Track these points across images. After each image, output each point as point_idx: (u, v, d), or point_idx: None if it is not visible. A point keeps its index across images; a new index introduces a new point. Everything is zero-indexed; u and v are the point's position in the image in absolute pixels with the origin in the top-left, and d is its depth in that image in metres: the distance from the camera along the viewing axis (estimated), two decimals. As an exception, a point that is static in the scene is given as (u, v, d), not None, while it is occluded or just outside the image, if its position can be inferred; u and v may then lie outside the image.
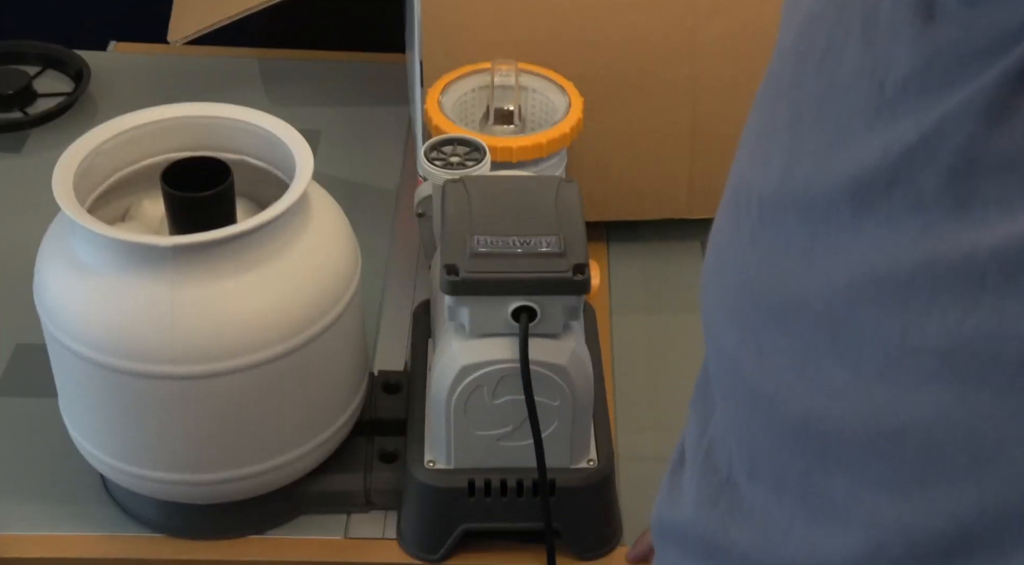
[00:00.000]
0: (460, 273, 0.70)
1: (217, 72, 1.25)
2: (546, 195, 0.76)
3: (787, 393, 0.43)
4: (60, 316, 0.71)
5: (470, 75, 0.93)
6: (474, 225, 0.73)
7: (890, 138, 0.39)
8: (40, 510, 0.82)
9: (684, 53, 0.96)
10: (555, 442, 0.76)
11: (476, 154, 0.83)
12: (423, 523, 0.79)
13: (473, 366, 0.72)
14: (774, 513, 0.47)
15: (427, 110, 0.90)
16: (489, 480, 0.77)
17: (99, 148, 0.75)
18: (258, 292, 0.71)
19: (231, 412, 0.73)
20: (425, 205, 0.85)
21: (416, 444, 0.79)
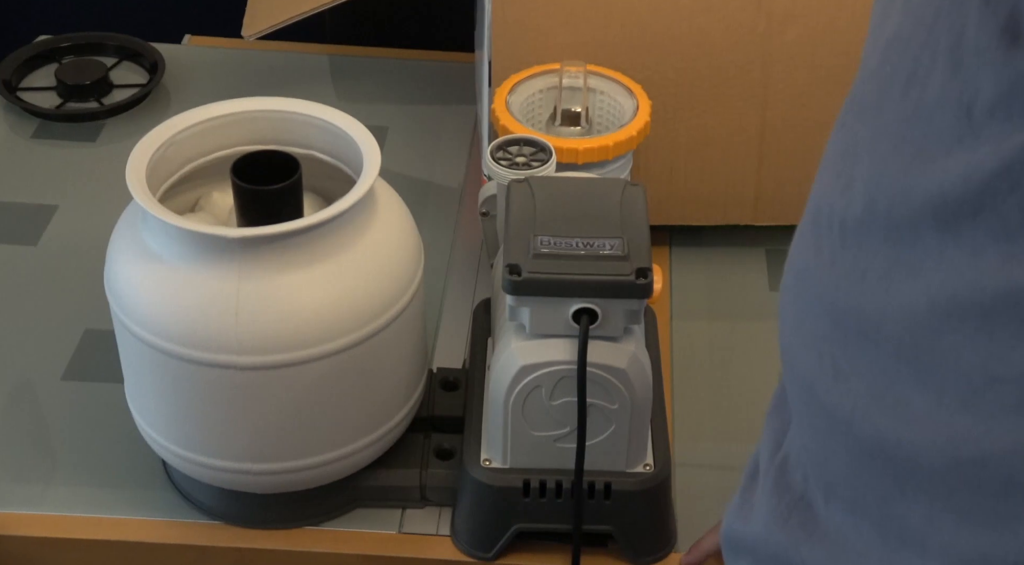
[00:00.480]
0: (522, 273, 0.70)
1: (288, 67, 1.26)
2: (611, 197, 0.75)
3: (864, 416, 0.43)
4: (128, 303, 0.73)
5: (538, 76, 0.93)
6: (538, 225, 0.73)
7: (972, 164, 0.38)
8: (102, 493, 0.83)
9: (755, 59, 0.95)
10: (611, 445, 0.75)
11: (542, 155, 0.83)
12: (477, 521, 0.79)
13: (532, 366, 0.72)
14: (849, 536, 0.46)
15: (494, 109, 0.90)
16: (544, 481, 0.76)
17: (172, 139, 0.76)
18: (322, 286, 0.71)
19: (292, 404, 0.74)
20: (489, 204, 0.85)
21: (473, 442, 0.79)
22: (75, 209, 1.07)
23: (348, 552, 0.81)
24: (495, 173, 0.82)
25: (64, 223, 1.06)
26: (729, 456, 0.88)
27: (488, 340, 0.85)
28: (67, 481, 0.84)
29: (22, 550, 0.81)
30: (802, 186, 1.08)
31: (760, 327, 0.98)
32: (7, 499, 0.83)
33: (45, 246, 1.04)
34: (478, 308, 0.90)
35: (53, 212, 1.07)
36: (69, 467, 0.85)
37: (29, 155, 1.14)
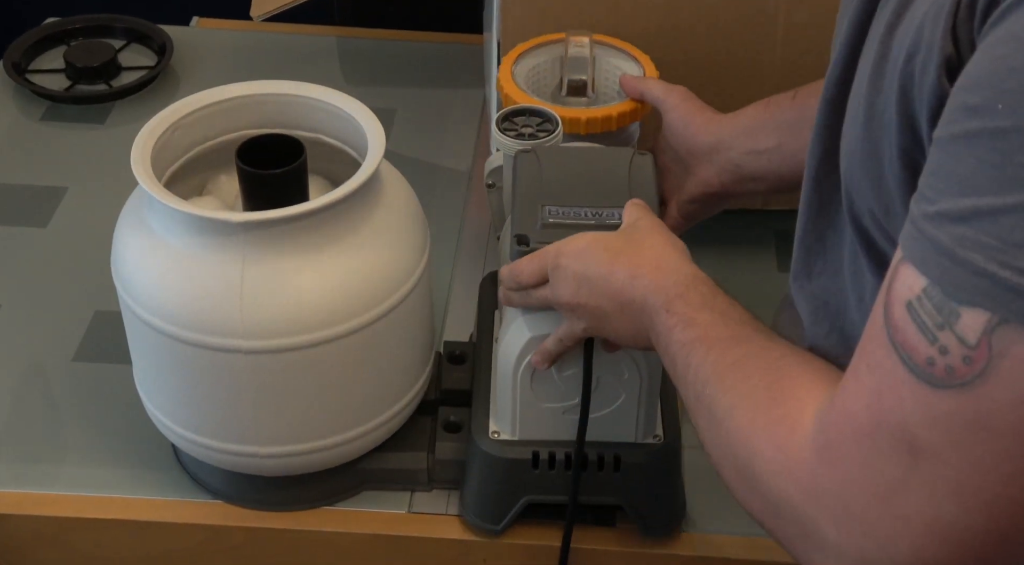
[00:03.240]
0: (531, 243, 0.70)
1: (296, 49, 1.26)
2: (619, 167, 0.75)
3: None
4: (134, 287, 0.73)
5: (544, 46, 0.92)
6: (545, 195, 0.72)
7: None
8: (113, 474, 0.84)
9: (765, 40, 0.94)
10: (621, 417, 0.75)
11: (548, 125, 0.82)
12: (486, 493, 0.79)
13: (541, 338, 0.72)
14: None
15: (499, 79, 0.89)
16: (553, 453, 0.76)
17: (177, 123, 0.76)
18: (328, 270, 0.71)
19: (298, 387, 0.74)
20: (495, 176, 0.84)
21: (481, 415, 0.79)
22: (84, 191, 1.08)
23: (357, 531, 0.81)
24: (501, 144, 0.81)
25: (73, 205, 1.06)
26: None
27: (496, 313, 0.85)
28: (78, 461, 0.85)
29: (33, 529, 0.82)
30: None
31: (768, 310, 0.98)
32: (19, 479, 0.83)
33: (55, 228, 1.04)
34: (485, 280, 0.90)
35: (62, 194, 1.07)
36: (80, 447, 0.86)
37: (38, 138, 1.14)
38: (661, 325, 0.62)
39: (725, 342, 0.59)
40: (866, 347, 0.49)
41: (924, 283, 0.46)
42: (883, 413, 0.47)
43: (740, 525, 0.81)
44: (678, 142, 0.87)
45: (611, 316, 0.67)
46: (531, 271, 0.70)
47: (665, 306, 0.62)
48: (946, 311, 0.45)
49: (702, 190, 0.87)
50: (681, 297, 0.62)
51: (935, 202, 0.45)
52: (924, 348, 0.46)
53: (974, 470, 0.45)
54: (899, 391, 0.47)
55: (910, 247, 0.47)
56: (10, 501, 0.82)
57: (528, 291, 0.71)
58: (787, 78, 0.95)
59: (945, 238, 0.45)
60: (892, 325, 0.47)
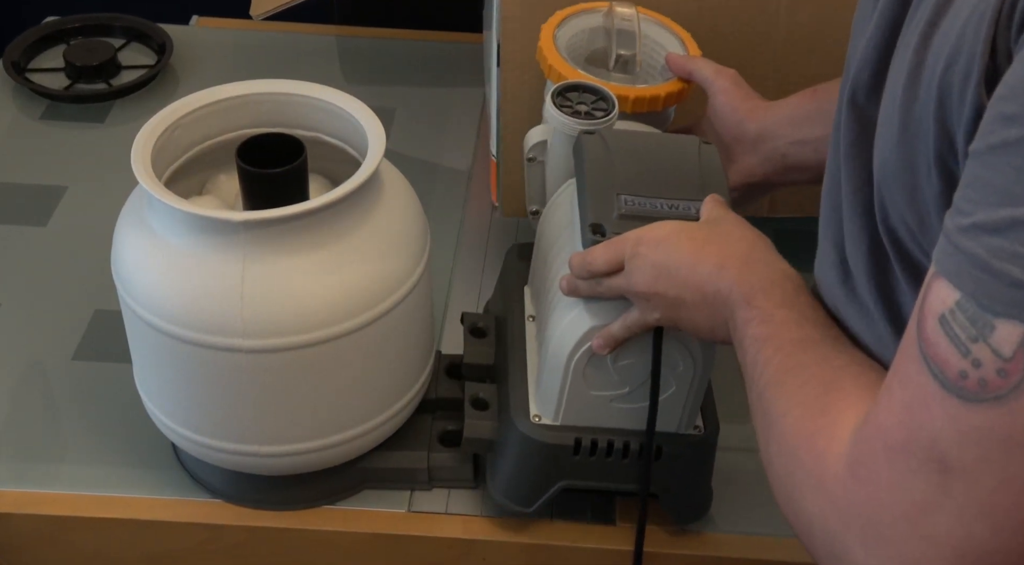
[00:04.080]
0: (607, 233, 0.69)
1: (296, 49, 1.26)
2: (688, 156, 0.74)
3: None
4: (134, 286, 0.73)
5: (583, 14, 0.88)
6: (618, 183, 0.71)
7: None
8: (113, 472, 0.84)
9: (768, 40, 0.94)
10: (669, 408, 0.75)
11: (603, 104, 0.80)
12: (521, 476, 0.78)
13: (601, 328, 0.71)
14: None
15: (541, 48, 0.85)
16: (596, 440, 0.75)
17: (177, 123, 0.76)
18: (328, 269, 0.71)
19: (298, 387, 0.74)
20: (537, 150, 0.82)
21: (519, 396, 0.77)
22: (84, 190, 1.08)
23: (358, 530, 0.81)
24: (558, 121, 0.79)
25: (73, 204, 1.06)
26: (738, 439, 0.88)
27: (525, 288, 0.83)
28: (78, 460, 0.85)
29: (34, 528, 0.82)
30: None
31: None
32: (19, 478, 0.83)
33: (54, 227, 1.04)
34: (510, 253, 0.88)
35: (62, 193, 1.07)
36: (80, 446, 0.86)
37: (38, 136, 1.14)
38: (740, 318, 0.62)
39: (793, 345, 0.58)
40: (899, 362, 0.48)
41: (957, 296, 0.45)
42: (913, 429, 0.46)
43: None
44: (723, 128, 0.85)
45: (689, 307, 0.65)
46: (605, 259, 0.68)
47: (747, 299, 0.61)
48: (980, 323, 0.44)
49: (744, 179, 0.85)
50: (764, 291, 0.61)
51: (970, 214, 0.45)
52: (956, 361, 0.45)
53: (1007, 489, 0.44)
54: (930, 406, 0.46)
55: (944, 261, 0.46)
56: (10, 500, 0.82)
57: (599, 280, 0.69)
58: (787, 78, 0.96)
59: (980, 250, 0.44)
60: (924, 339, 0.46)
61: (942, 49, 0.48)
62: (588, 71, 0.86)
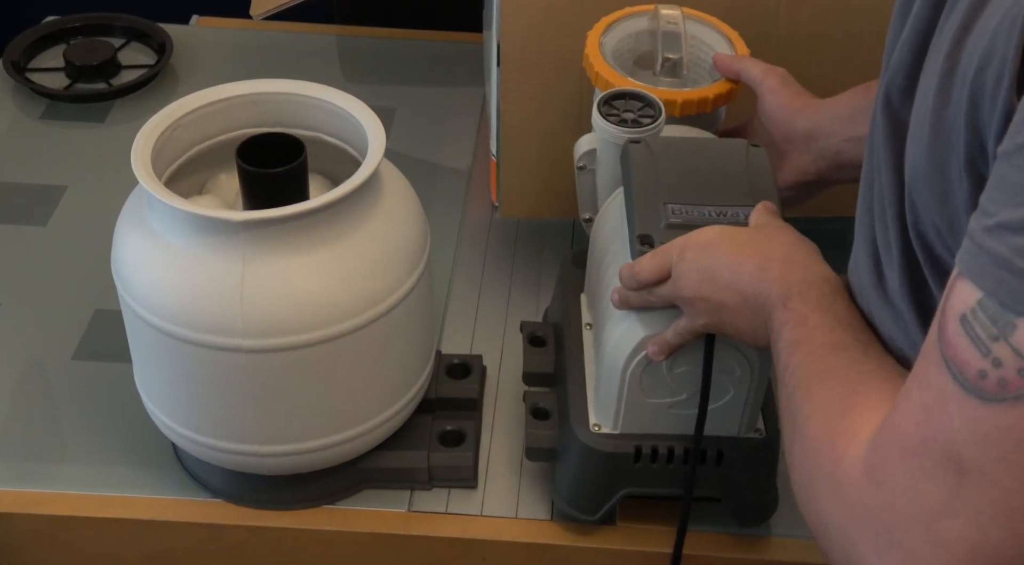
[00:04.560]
0: (655, 244, 0.69)
1: (296, 48, 1.26)
2: (736, 160, 0.73)
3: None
4: (134, 286, 0.73)
5: (629, 18, 0.88)
6: (665, 192, 0.71)
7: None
8: (113, 472, 0.84)
9: (769, 39, 0.94)
10: (728, 412, 0.74)
11: (650, 110, 0.79)
12: (585, 485, 0.78)
13: (654, 337, 0.71)
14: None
15: (588, 55, 0.85)
16: (656, 447, 0.75)
17: (177, 122, 0.76)
18: (328, 269, 0.71)
19: (298, 386, 0.74)
20: (587, 159, 0.81)
21: (579, 405, 0.77)
22: (84, 190, 1.08)
23: (358, 530, 0.81)
24: (605, 131, 0.78)
25: (73, 204, 1.06)
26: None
27: (581, 295, 0.83)
28: (77, 460, 0.85)
29: (33, 528, 0.82)
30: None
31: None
32: (19, 477, 0.83)
33: (55, 227, 1.04)
34: (566, 261, 0.88)
35: (62, 193, 1.07)
36: (79, 446, 0.86)
37: (38, 136, 1.14)
38: (776, 320, 0.61)
39: (823, 348, 0.58)
40: (919, 365, 0.48)
41: (979, 296, 0.45)
42: (930, 430, 0.46)
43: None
44: (774, 127, 0.84)
45: (732, 310, 0.65)
46: (653, 268, 0.68)
47: (783, 301, 0.61)
48: (1001, 323, 0.44)
49: (797, 177, 0.84)
50: (800, 294, 0.61)
51: (995, 214, 0.44)
52: (976, 361, 0.44)
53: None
54: (947, 407, 0.45)
55: (967, 262, 0.46)
56: (10, 500, 0.82)
57: (649, 290, 0.69)
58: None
59: (1004, 249, 0.44)
60: (945, 340, 0.46)
61: (974, 53, 0.48)
62: (636, 76, 0.85)
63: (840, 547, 0.50)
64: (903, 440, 0.47)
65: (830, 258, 0.65)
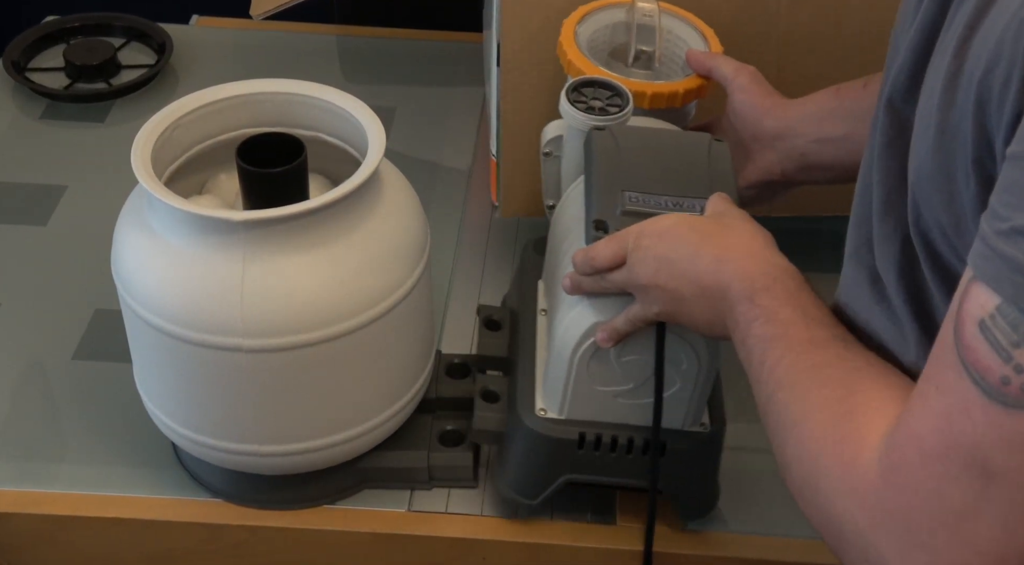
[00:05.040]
0: (609, 230, 0.69)
1: (296, 48, 1.26)
2: (698, 153, 0.74)
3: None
4: (134, 285, 0.73)
5: (606, 9, 0.88)
6: (624, 180, 0.71)
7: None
8: (113, 472, 0.84)
9: (768, 40, 0.94)
10: (674, 405, 0.75)
11: (618, 100, 0.79)
12: (527, 469, 0.78)
13: (604, 323, 0.71)
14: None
15: (562, 43, 0.85)
16: (600, 435, 0.76)
17: (177, 122, 0.76)
18: (328, 268, 0.71)
19: (298, 386, 0.74)
20: (554, 145, 0.81)
21: (526, 389, 0.78)
22: (84, 189, 1.08)
23: (358, 530, 0.81)
24: (571, 117, 0.78)
25: (73, 203, 1.06)
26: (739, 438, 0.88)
27: (539, 282, 0.83)
28: (77, 460, 0.85)
29: (33, 528, 0.82)
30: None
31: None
32: (19, 477, 0.83)
33: (55, 226, 1.04)
34: (527, 247, 0.88)
35: (62, 192, 1.07)
36: (79, 446, 0.86)
37: (38, 136, 1.14)
38: (742, 315, 0.61)
39: (803, 345, 0.58)
40: (934, 368, 0.48)
41: (998, 301, 0.45)
42: (954, 436, 0.46)
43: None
44: (742, 125, 0.84)
45: (688, 300, 0.65)
46: (608, 254, 0.68)
47: (749, 296, 0.61)
48: (1023, 329, 0.44)
49: (762, 177, 0.84)
50: (767, 289, 0.61)
51: (1008, 219, 0.44)
52: (998, 367, 0.44)
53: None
54: (971, 413, 0.45)
55: (981, 266, 0.45)
56: (10, 499, 0.82)
57: (603, 275, 0.69)
58: (787, 78, 0.96)
59: (1020, 254, 0.44)
60: (963, 345, 0.46)
61: (981, 54, 0.48)
62: (610, 67, 0.85)
63: (858, 548, 0.50)
64: (923, 444, 0.47)
65: (829, 258, 0.65)
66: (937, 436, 0.47)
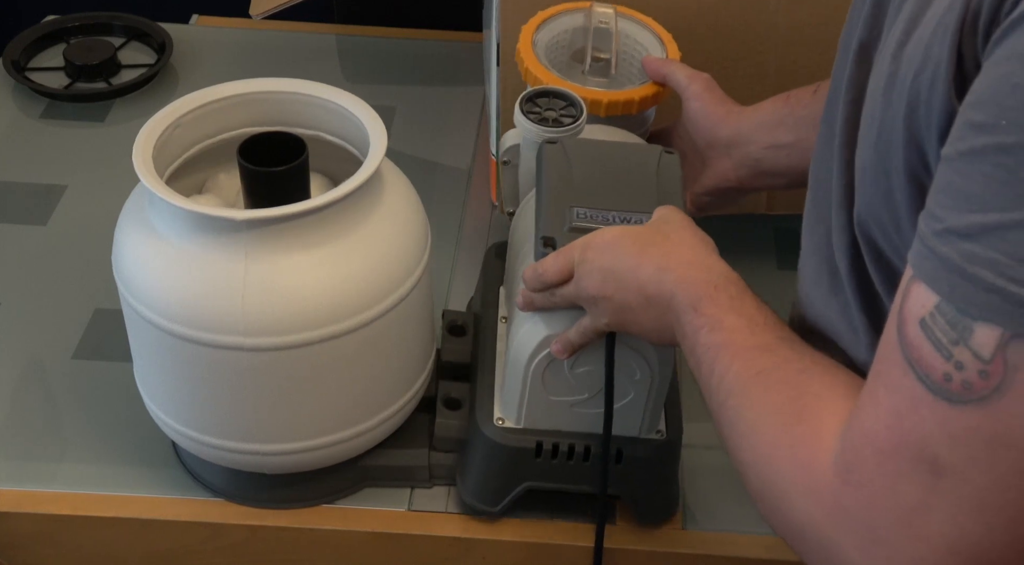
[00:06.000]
0: (556, 246, 0.70)
1: (295, 47, 1.26)
2: (647, 166, 0.74)
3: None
4: (135, 284, 0.73)
5: (566, 14, 0.88)
6: (573, 196, 0.72)
7: None
8: (114, 471, 0.84)
9: (766, 40, 0.94)
10: (629, 413, 0.75)
11: (572, 110, 0.80)
12: (486, 477, 0.79)
13: (557, 336, 0.72)
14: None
15: (519, 51, 0.86)
16: (557, 443, 0.77)
17: (179, 121, 0.76)
18: (329, 267, 0.71)
19: (299, 385, 0.74)
20: (511, 153, 0.82)
21: (485, 398, 0.79)
22: (84, 189, 1.08)
23: (358, 529, 0.81)
24: (525, 128, 0.79)
25: (74, 203, 1.06)
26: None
27: (500, 288, 0.84)
28: (78, 459, 0.85)
29: (34, 527, 0.82)
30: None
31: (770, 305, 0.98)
32: (19, 477, 0.83)
33: (55, 226, 1.04)
34: (489, 251, 0.89)
35: (63, 192, 1.07)
36: (80, 445, 0.86)
37: (38, 135, 1.14)
38: (688, 325, 0.62)
39: (750, 352, 0.58)
40: (882, 366, 0.49)
41: (936, 300, 0.46)
42: (904, 433, 0.47)
43: (740, 523, 0.82)
44: (696, 132, 0.85)
45: (636, 310, 0.66)
46: (556, 269, 0.69)
47: (693, 305, 0.62)
48: (960, 327, 0.45)
49: (717, 183, 0.85)
50: (710, 297, 0.61)
51: (943, 219, 0.46)
52: (940, 364, 0.45)
53: (996, 487, 0.45)
54: (919, 409, 0.46)
55: (920, 265, 0.46)
56: (10, 499, 0.82)
57: (552, 291, 0.70)
58: (787, 78, 0.96)
59: (954, 255, 0.45)
60: (907, 343, 0.47)
61: (912, 59, 0.49)
62: (569, 71, 0.86)
63: (820, 548, 0.51)
64: (876, 442, 0.48)
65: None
66: (888, 433, 0.48)
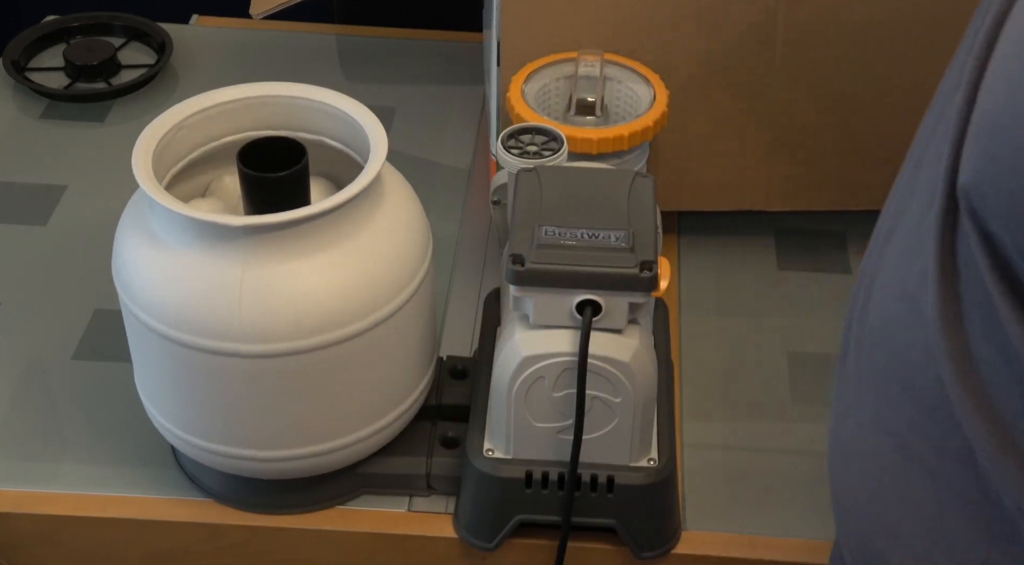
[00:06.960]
0: (525, 263, 0.70)
1: (295, 47, 1.26)
2: (619, 188, 0.75)
3: None
4: (134, 288, 0.73)
5: (555, 64, 0.92)
6: (543, 215, 0.73)
7: None
8: (113, 472, 0.84)
9: (767, 40, 0.94)
10: (615, 439, 0.75)
11: (554, 144, 0.82)
12: (479, 511, 0.79)
13: (535, 357, 0.72)
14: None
15: (509, 98, 0.89)
16: (547, 472, 0.76)
17: (179, 125, 0.76)
18: (328, 274, 0.71)
19: (297, 392, 0.74)
20: (501, 193, 0.84)
21: (477, 432, 0.79)
22: (84, 189, 1.08)
23: (358, 530, 0.81)
24: (505, 162, 0.81)
25: (73, 203, 1.06)
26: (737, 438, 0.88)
27: (497, 329, 0.85)
28: (77, 460, 0.85)
29: (33, 528, 0.82)
30: (813, 170, 1.08)
31: (769, 309, 0.98)
32: (18, 477, 0.84)
33: (55, 226, 1.04)
34: (489, 297, 0.90)
35: (62, 192, 1.07)
36: (79, 446, 0.86)
37: (38, 135, 1.14)
38: None
39: None
40: None
41: None
42: None
43: (740, 523, 0.82)
44: None
45: None
46: None
47: None
48: None
49: None
50: None
51: None
52: None
53: None
54: None
55: None
56: (9, 499, 0.82)
57: None
58: (787, 78, 0.96)
59: None
60: None
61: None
62: (564, 119, 0.89)
63: None
64: None
65: (830, 258, 0.64)
66: None
